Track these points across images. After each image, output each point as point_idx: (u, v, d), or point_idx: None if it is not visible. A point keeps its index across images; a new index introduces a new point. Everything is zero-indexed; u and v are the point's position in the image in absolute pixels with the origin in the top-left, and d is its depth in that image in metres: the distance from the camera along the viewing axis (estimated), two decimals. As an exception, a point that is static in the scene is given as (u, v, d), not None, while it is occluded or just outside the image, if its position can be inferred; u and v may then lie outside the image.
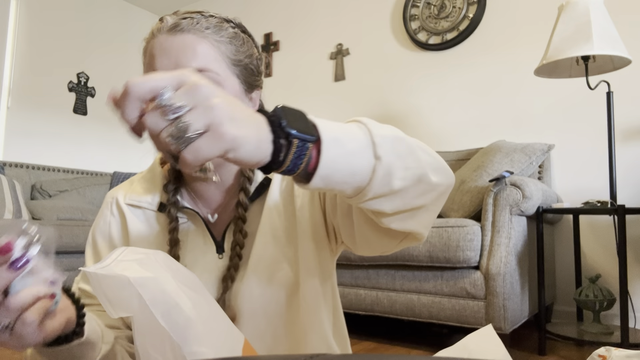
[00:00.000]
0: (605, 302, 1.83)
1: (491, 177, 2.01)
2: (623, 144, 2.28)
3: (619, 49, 1.85)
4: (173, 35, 0.68)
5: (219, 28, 0.71)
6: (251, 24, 3.75)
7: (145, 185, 0.81)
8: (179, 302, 0.53)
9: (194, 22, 0.69)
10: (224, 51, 0.70)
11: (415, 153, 0.54)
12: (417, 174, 0.53)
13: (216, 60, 0.69)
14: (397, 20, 3.04)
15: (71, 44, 3.77)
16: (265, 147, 0.44)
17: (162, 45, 0.68)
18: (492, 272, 1.75)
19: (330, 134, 0.47)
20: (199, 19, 0.70)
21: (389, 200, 0.53)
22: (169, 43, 0.68)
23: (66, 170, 3.46)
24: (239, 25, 0.76)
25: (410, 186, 0.53)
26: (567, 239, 2.35)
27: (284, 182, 0.77)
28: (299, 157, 0.46)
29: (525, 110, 2.55)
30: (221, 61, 0.70)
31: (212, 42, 0.69)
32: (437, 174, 0.56)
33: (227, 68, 0.71)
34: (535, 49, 2.53)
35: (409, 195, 0.54)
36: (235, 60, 0.72)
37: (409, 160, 0.53)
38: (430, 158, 0.56)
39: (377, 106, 3.07)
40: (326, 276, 0.79)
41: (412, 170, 0.53)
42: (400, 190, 0.52)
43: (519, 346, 1.98)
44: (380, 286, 1.99)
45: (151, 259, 0.56)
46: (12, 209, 2.68)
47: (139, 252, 0.57)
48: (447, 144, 2.77)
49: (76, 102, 3.76)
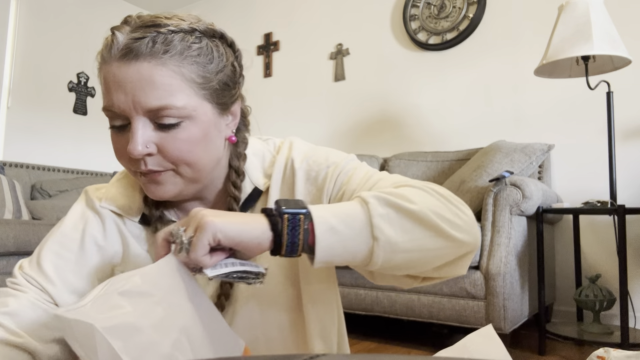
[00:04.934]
0: (605, 302, 1.83)
1: (491, 177, 2.01)
2: (623, 144, 2.28)
3: (619, 49, 1.85)
4: (127, 63, 0.58)
5: (180, 47, 0.60)
6: (251, 24, 3.76)
7: (124, 192, 0.74)
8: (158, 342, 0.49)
9: (149, 43, 0.59)
10: (188, 76, 0.61)
11: (424, 221, 0.57)
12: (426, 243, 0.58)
13: (180, 90, 0.60)
14: (397, 20, 3.04)
15: (71, 44, 3.77)
16: (261, 231, 0.54)
17: (115, 76, 0.59)
18: (492, 272, 1.75)
19: (325, 226, 0.55)
20: (154, 38, 0.59)
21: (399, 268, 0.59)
22: (122, 74, 0.59)
23: (66, 170, 3.46)
24: (206, 32, 0.64)
25: (418, 253, 0.58)
26: (567, 239, 2.35)
27: (281, 192, 0.73)
28: (294, 229, 0.54)
29: (525, 110, 2.55)
30: (186, 89, 0.61)
31: (173, 69, 0.59)
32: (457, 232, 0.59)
33: (195, 95, 0.62)
34: (535, 49, 2.53)
35: (421, 261, 0.59)
36: (204, 84, 0.62)
37: (414, 231, 0.57)
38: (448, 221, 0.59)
39: (377, 106, 3.07)
40: (331, 284, 0.77)
41: (419, 240, 0.57)
42: (408, 260, 0.58)
43: (519, 346, 1.98)
44: (380, 286, 1.99)
45: (137, 283, 0.52)
46: (12, 209, 2.68)
47: (125, 280, 0.52)
48: (447, 144, 2.77)
49: (76, 102, 3.76)
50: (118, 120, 0.62)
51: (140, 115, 0.60)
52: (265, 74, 3.65)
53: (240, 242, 0.53)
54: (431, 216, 0.58)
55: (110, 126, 0.63)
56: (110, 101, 0.61)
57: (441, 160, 2.55)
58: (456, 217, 0.60)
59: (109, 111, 0.62)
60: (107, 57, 0.60)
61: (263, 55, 3.67)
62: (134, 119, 0.60)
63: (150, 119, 0.61)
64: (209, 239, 0.52)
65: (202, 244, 0.51)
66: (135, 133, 0.60)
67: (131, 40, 0.59)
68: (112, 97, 0.60)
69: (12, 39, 3.43)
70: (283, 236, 0.54)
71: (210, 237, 0.52)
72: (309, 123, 3.36)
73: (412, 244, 0.57)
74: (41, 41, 3.58)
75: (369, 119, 3.10)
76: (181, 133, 0.61)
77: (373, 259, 0.56)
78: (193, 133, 0.62)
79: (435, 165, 2.56)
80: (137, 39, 0.59)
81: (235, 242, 0.53)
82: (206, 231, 0.51)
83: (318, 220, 0.55)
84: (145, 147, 0.60)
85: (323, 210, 0.56)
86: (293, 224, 0.54)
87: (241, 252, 0.56)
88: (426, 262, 0.60)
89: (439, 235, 0.58)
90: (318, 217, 0.55)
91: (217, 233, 0.52)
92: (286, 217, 0.54)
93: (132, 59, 0.58)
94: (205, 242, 0.52)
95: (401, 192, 0.59)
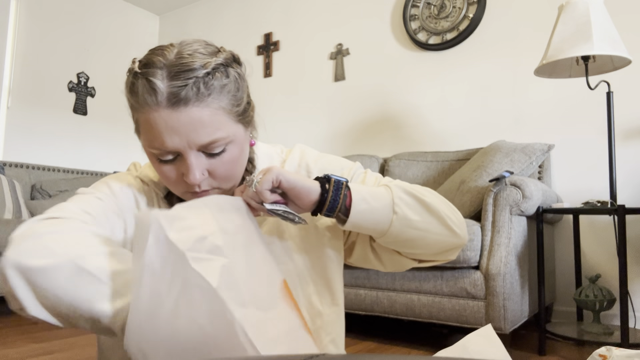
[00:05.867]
0: (605, 302, 1.83)
1: (491, 177, 2.01)
2: (623, 144, 2.28)
3: (619, 49, 1.85)
4: (176, 110, 0.65)
5: (218, 86, 0.67)
6: (251, 24, 3.76)
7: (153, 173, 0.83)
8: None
9: (193, 89, 0.65)
10: (227, 108, 0.69)
11: (432, 210, 0.75)
12: (432, 227, 0.75)
13: (223, 122, 0.69)
14: (397, 20, 3.04)
15: (71, 44, 3.77)
16: (313, 185, 0.71)
17: (166, 122, 0.66)
18: (492, 272, 1.74)
19: (359, 195, 0.72)
20: (196, 83, 0.65)
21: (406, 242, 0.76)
22: (174, 120, 0.65)
23: (66, 170, 3.46)
24: (227, 62, 0.70)
25: (424, 233, 0.75)
26: (567, 239, 2.35)
27: None
28: (337, 190, 0.70)
29: (525, 110, 2.55)
30: (226, 119, 0.69)
31: (215, 107, 0.67)
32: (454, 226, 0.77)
33: (232, 121, 0.70)
34: (535, 48, 2.53)
35: (425, 241, 0.76)
36: (236, 109, 0.71)
37: (424, 215, 0.74)
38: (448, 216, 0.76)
39: (377, 106, 3.07)
40: (340, 283, 0.84)
41: (427, 224, 0.75)
42: (415, 237, 0.75)
43: (519, 346, 1.98)
44: (380, 286, 1.99)
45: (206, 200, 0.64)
46: (12, 209, 2.68)
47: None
48: (447, 144, 2.77)
49: (76, 102, 3.76)
50: (168, 155, 0.70)
51: (193, 150, 0.68)
52: (265, 74, 3.65)
53: (295, 187, 0.69)
54: (438, 207, 0.75)
55: (159, 160, 0.71)
56: (163, 143, 0.67)
57: (441, 160, 2.55)
58: (454, 215, 0.77)
59: (159, 149, 0.69)
60: (151, 103, 0.66)
61: (263, 55, 3.67)
62: (188, 154, 0.68)
63: (200, 150, 0.69)
64: (272, 178, 0.68)
65: (267, 181, 0.68)
66: (192, 165, 0.69)
67: (175, 88, 0.65)
68: (165, 139, 0.67)
69: (12, 39, 3.43)
70: (329, 193, 0.70)
71: (274, 176, 0.68)
72: (309, 123, 3.36)
73: (422, 224, 0.74)
74: (41, 41, 3.58)
75: (368, 119, 3.10)
76: (226, 156, 0.71)
77: (390, 228, 0.73)
78: (235, 153, 0.72)
79: (435, 165, 2.56)
80: (180, 86, 0.65)
81: (291, 185, 0.69)
82: (272, 173, 0.68)
83: (355, 189, 0.72)
84: (202, 175, 0.70)
85: (357, 185, 0.74)
86: (337, 186, 0.71)
87: (292, 203, 0.71)
88: (428, 245, 0.76)
89: (442, 223, 0.75)
90: (354, 188, 0.72)
91: (279, 175, 0.68)
92: (332, 180, 0.71)
93: (181, 106, 0.65)
94: (270, 180, 0.68)
95: (416, 187, 0.77)
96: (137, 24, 4.26)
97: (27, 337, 2.06)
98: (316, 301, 0.80)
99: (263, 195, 0.68)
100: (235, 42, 3.84)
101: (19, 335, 2.11)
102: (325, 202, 0.70)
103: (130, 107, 0.70)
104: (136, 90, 0.67)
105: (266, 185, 0.68)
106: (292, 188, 0.69)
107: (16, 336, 2.08)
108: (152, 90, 0.65)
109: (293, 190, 0.69)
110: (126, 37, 4.16)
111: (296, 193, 0.69)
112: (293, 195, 0.70)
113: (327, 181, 0.71)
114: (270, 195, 0.69)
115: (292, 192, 0.69)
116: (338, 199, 0.70)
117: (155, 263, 0.55)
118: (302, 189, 0.69)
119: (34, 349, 1.87)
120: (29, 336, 2.08)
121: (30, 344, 1.96)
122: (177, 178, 0.71)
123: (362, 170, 0.86)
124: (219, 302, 0.54)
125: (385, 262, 0.85)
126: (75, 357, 1.78)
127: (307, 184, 0.70)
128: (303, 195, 0.70)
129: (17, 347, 1.89)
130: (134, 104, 0.68)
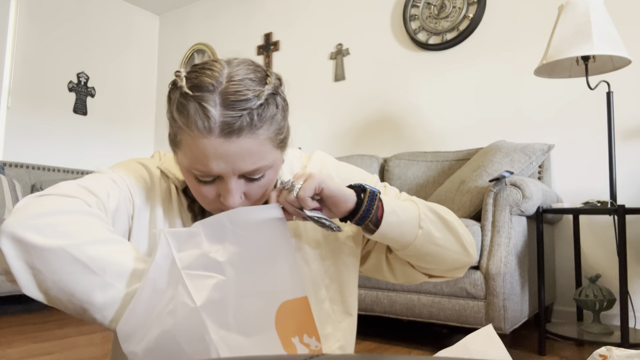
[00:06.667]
0: (605, 302, 1.83)
1: (491, 177, 2.01)
2: (623, 144, 2.28)
3: (619, 49, 1.85)
4: (229, 140, 0.65)
5: (269, 117, 0.68)
6: (251, 24, 3.75)
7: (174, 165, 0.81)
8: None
9: (247, 119, 0.65)
10: (272, 137, 0.69)
11: (451, 229, 0.80)
12: (450, 244, 0.80)
13: (268, 151, 0.69)
14: (397, 20, 3.04)
15: (71, 44, 3.77)
16: (350, 193, 0.73)
17: (217, 149, 0.65)
18: (492, 272, 1.74)
19: (390, 208, 0.75)
20: (250, 114, 0.65)
21: (426, 257, 0.80)
22: (225, 149, 0.65)
23: (66, 170, 3.46)
24: (275, 88, 0.70)
25: (443, 250, 0.80)
26: (567, 239, 2.35)
27: None
28: (372, 200, 0.73)
29: (525, 110, 2.55)
30: (270, 147, 0.69)
31: (263, 137, 0.67)
32: (468, 245, 0.82)
33: (274, 148, 0.71)
34: (535, 49, 2.53)
35: (442, 257, 0.81)
36: (279, 136, 0.71)
37: (445, 232, 0.79)
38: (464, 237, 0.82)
39: (377, 106, 3.07)
40: (354, 291, 0.85)
41: (446, 241, 0.79)
42: (434, 252, 0.79)
43: (519, 346, 1.98)
44: (380, 286, 1.99)
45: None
46: (12, 209, 2.68)
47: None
48: (447, 144, 2.77)
49: (76, 102, 3.76)
50: (208, 177, 0.69)
51: (235, 176, 0.69)
52: (265, 74, 3.65)
53: (334, 196, 0.71)
54: (457, 227, 0.81)
55: (197, 179, 0.70)
56: (208, 168, 0.67)
57: (441, 160, 2.55)
58: (468, 235, 0.83)
59: (201, 172, 0.68)
60: (203, 130, 0.64)
61: (263, 55, 3.67)
62: (230, 179, 0.69)
63: (241, 176, 0.70)
64: (315, 185, 0.70)
65: (309, 187, 0.69)
66: (233, 190, 0.69)
67: (229, 118, 0.64)
68: (211, 165, 0.66)
69: (12, 39, 3.43)
70: (363, 202, 0.73)
71: (317, 183, 0.70)
72: (309, 123, 3.36)
73: (442, 241, 0.79)
74: (41, 41, 3.58)
75: (368, 119, 3.10)
76: (264, 181, 0.72)
77: (415, 242, 0.77)
78: (271, 177, 0.73)
79: (435, 165, 2.56)
80: (235, 117, 0.64)
81: (332, 194, 0.71)
82: (314, 180, 0.70)
83: (386, 201, 0.75)
84: (240, 199, 0.71)
85: (388, 198, 0.77)
86: (372, 197, 0.73)
87: (326, 209, 0.73)
88: (444, 261, 0.81)
89: (458, 242, 0.81)
90: (386, 200, 0.76)
91: (322, 183, 0.70)
92: (368, 191, 0.73)
93: (233, 136, 0.65)
94: (313, 187, 0.69)
95: (436, 205, 0.82)
96: (137, 24, 4.26)
97: (27, 337, 2.06)
98: (328, 308, 0.80)
99: (305, 202, 0.69)
100: (235, 42, 3.84)
101: (19, 335, 2.11)
102: (359, 211, 0.72)
103: (174, 124, 0.69)
104: (187, 112, 0.65)
105: (309, 193, 0.69)
106: (333, 196, 0.71)
107: (16, 336, 2.08)
108: (205, 118, 0.64)
109: (332, 199, 0.71)
110: (126, 37, 4.15)
111: (335, 201, 0.71)
112: (331, 202, 0.71)
113: (362, 191, 0.73)
114: (311, 203, 0.70)
115: (330, 199, 0.71)
116: (371, 209, 0.72)
117: (158, 279, 0.59)
118: (341, 197, 0.71)
119: (34, 349, 1.87)
120: (29, 336, 2.08)
121: (30, 344, 1.96)
122: (213, 198, 0.72)
123: (382, 183, 0.89)
124: (199, 321, 0.56)
125: (397, 273, 0.87)
126: (75, 357, 1.78)
127: (345, 193, 0.72)
128: (341, 203, 0.71)
129: (17, 347, 1.89)
130: (181, 125, 0.67)
